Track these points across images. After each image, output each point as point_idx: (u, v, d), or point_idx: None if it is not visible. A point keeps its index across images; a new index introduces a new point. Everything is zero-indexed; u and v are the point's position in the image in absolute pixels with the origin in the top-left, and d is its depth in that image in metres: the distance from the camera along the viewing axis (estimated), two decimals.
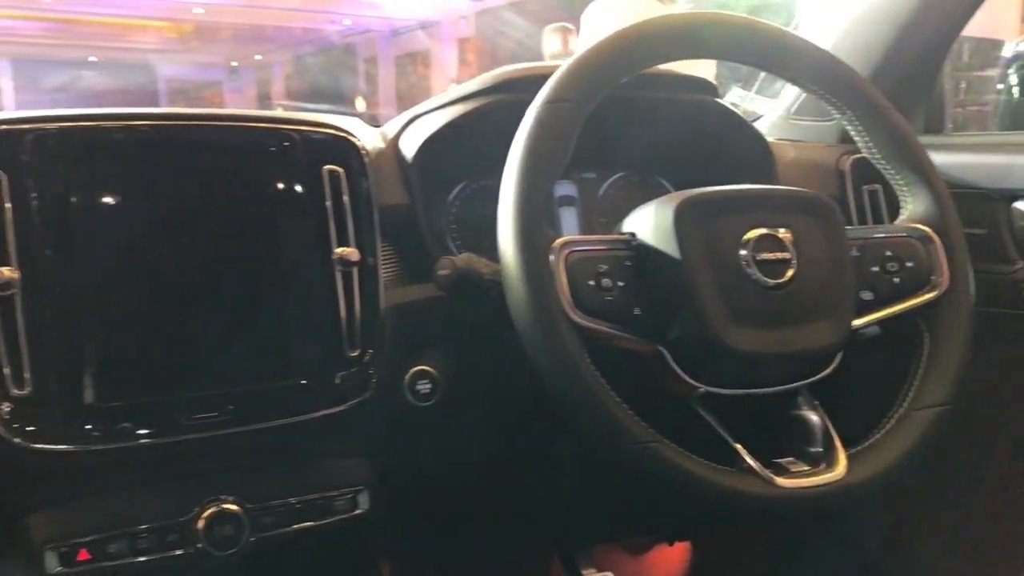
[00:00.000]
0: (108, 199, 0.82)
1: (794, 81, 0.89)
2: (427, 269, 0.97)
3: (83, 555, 0.81)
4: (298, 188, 0.89)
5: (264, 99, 16.81)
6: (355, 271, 0.91)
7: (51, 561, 0.81)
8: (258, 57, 16.54)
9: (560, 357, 0.73)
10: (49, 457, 0.78)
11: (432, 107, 1.05)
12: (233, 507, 0.86)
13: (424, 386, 0.95)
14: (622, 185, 1.17)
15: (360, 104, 13.31)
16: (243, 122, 0.90)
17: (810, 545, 1.44)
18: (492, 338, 0.96)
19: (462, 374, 0.98)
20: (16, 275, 0.77)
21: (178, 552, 0.84)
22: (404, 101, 13.25)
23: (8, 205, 0.78)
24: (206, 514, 0.85)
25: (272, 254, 0.88)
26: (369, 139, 0.99)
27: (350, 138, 0.94)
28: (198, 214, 0.85)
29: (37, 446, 0.77)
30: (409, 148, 1.00)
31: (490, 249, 0.89)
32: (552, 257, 0.75)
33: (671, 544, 1.50)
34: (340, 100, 14.02)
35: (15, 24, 13.74)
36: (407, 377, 0.95)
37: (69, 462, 0.80)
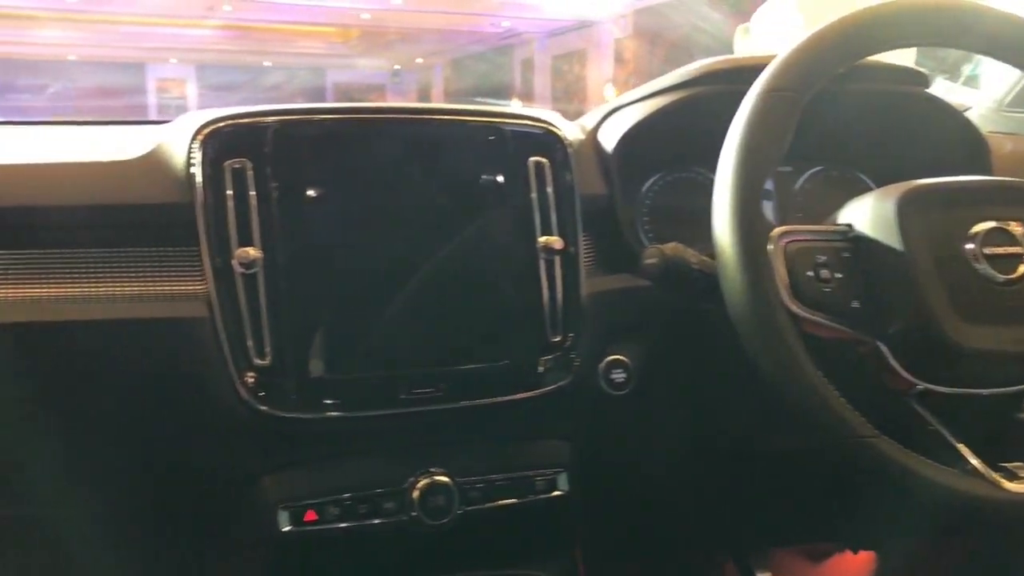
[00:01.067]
0: (336, 186, 0.88)
1: None
2: (622, 259, 0.99)
3: (310, 516, 0.88)
4: (505, 178, 0.93)
5: (424, 100, 17.32)
6: (557, 259, 0.93)
7: (283, 519, 0.88)
8: (419, 60, 17.07)
9: (778, 348, 0.72)
10: (285, 424, 0.85)
11: (632, 99, 1.06)
12: (445, 479, 0.90)
13: (618, 375, 0.97)
14: (820, 180, 1.14)
15: (516, 105, 13.50)
16: (458, 115, 0.94)
17: (1009, 563, 1.36)
18: (691, 330, 0.97)
19: (657, 365, 0.99)
20: (259, 255, 0.83)
21: (394, 518, 0.89)
22: (559, 101, 13.33)
23: (253, 192, 0.85)
24: (420, 484, 0.89)
25: (481, 241, 0.91)
26: (569, 131, 1.01)
27: (555, 130, 0.96)
28: (415, 202, 0.90)
29: (276, 413, 0.84)
30: (609, 140, 1.02)
31: (681, 241, 0.90)
32: (771, 247, 0.75)
33: (855, 552, 1.44)
34: (497, 101, 14.28)
35: (199, 32, 14.76)
36: (602, 365, 0.97)
37: (302, 429, 0.87)
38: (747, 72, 0.80)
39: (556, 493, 0.96)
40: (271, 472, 0.90)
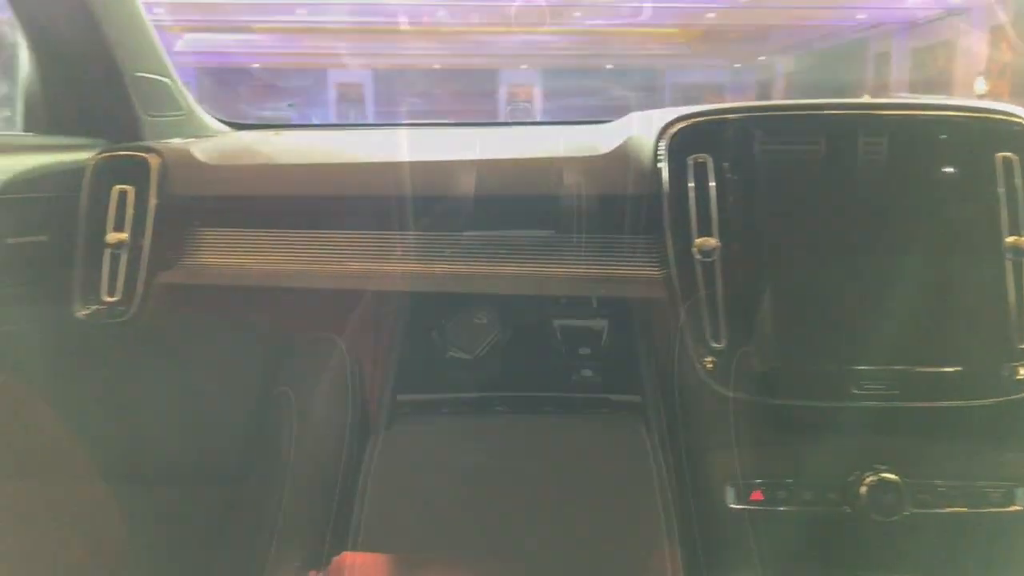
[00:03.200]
0: (791, 180, 0.90)
1: None
2: None
3: (756, 495, 0.91)
4: (968, 174, 0.89)
5: (765, 99, 16.74)
6: None
7: (730, 495, 0.92)
8: (761, 58, 16.58)
9: None
10: (736, 405, 0.89)
11: None
12: (894, 477, 0.89)
13: None
14: None
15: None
16: (917, 110, 0.92)
17: None
18: None
19: None
20: (717, 244, 0.88)
21: (838, 509, 0.90)
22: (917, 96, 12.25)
23: (712, 184, 0.90)
24: (868, 479, 0.89)
25: (939, 238, 0.89)
26: None
27: None
28: (871, 197, 0.90)
29: (729, 394, 0.89)
30: None
31: None
32: None
33: None
34: (843, 96, 13.47)
35: (546, 39, 15.54)
36: None
37: (751, 411, 0.90)
38: None
39: (1013, 508, 0.90)
40: (723, 449, 0.94)
